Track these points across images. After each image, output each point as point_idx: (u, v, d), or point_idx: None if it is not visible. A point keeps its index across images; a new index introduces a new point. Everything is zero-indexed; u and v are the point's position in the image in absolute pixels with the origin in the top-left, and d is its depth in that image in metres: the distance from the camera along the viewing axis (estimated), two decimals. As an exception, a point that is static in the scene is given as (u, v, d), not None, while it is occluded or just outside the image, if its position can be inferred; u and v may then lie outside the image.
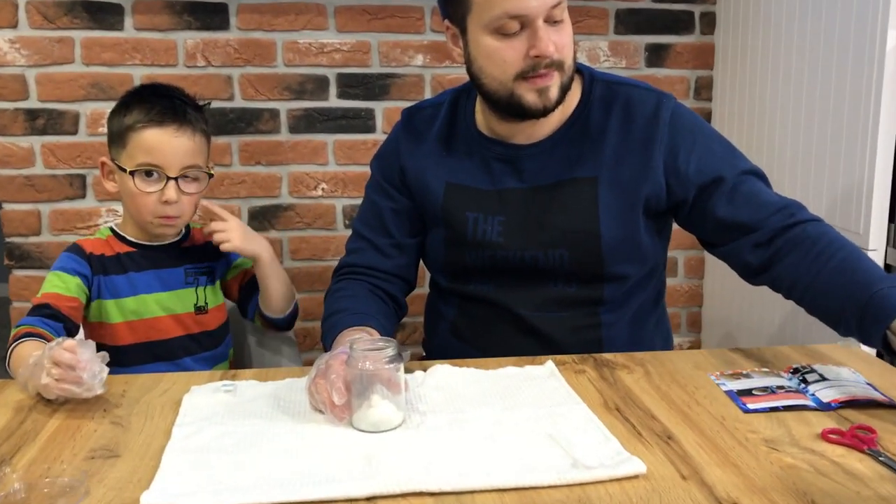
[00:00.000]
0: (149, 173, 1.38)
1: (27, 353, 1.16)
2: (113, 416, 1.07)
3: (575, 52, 1.28)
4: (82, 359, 1.05)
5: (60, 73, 2.15)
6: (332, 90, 2.25)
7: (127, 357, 1.43)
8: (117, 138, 1.40)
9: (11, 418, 1.07)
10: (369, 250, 1.42)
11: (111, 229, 1.49)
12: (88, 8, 2.13)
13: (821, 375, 1.15)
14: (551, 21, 1.20)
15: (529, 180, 1.33)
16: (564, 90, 1.26)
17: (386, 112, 2.28)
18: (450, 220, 1.36)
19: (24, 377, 1.11)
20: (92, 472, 0.92)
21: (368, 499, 0.85)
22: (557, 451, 0.94)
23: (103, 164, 1.44)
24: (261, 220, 2.29)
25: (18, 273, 2.23)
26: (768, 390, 1.12)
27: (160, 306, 1.46)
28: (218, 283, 1.56)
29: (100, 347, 1.11)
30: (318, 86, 2.25)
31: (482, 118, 1.36)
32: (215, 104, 2.21)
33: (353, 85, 2.26)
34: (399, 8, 2.24)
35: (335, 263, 1.48)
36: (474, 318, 1.38)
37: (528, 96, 1.24)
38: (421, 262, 1.48)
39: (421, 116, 1.43)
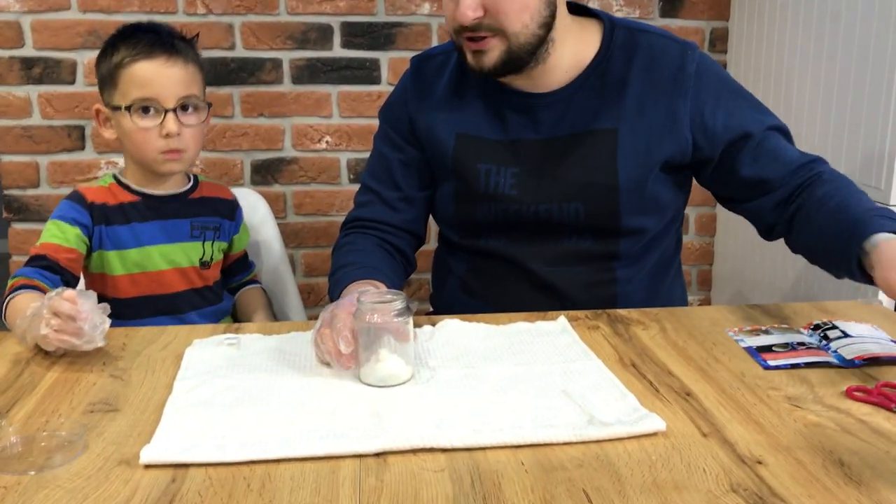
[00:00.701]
0: (146, 109, 1.32)
1: (24, 305, 1.14)
2: (113, 370, 1.04)
3: (547, 16, 1.20)
4: (83, 309, 1.01)
5: (57, 20, 2.09)
6: (337, 39, 2.19)
7: (128, 310, 1.39)
8: (108, 80, 1.34)
9: (8, 371, 1.04)
10: (377, 204, 1.37)
11: (114, 177, 1.43)
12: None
13: (843, 332, 1.12)
14: None
15: (545, 131, 1.28)
16: (515, 56, 1.20)
17: (391, 62, 2.22)
18: (461, 172, 1.31)
19: (21, 328, 1.08)
20: (91, 425, 0.89)
21: (378, 454, 0.82)
22: (573, 407, 0.91)
23: (98, 111, 1.39)
24: (263, 173, 2.25)
25: (17, 226, 2.19)
26: (789, 347, 1.08)
27: (164, 259, 1.41)
28: (223, 242, 1.49)
29: (101, 299, 1.07)
30: (321, 35, 2.18)
31: None
32: (216, 54, 2.15)
33: (357, 34, 2.19)
34: (406, -46, 2.16)
35: (340, 218, 1.44)
36: (485, 274, 1.34)
37: (468, 56, 1.22)
38: (430, 216, 1.44)
39: (431, 64, 1.38)
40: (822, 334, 1.12)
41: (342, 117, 2.24)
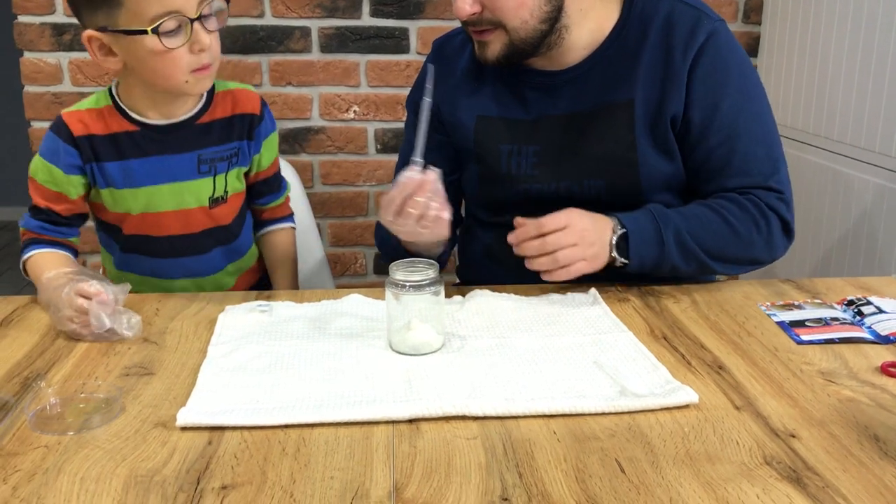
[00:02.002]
0: (172, 26, 1.12)
1: (40, 270, 1.18)
2: (147, 334, 1.06)
3: (549, 11, 1.18)
4: (101, 306, 1.02)
5: (87, -14, 2.09)
6: (366, 8, 2.17)
7: (123, 243, 1.28)
8: (104, 1, 1.11)
9: (44, 335, 1.06)
10: None
11: (111, 94, 1.22)
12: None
13: (877, 308, 1.10)
14: None
15: (565, 106, 1.26)
16: (517, 49, 1.20)
17: (420, 32, 2.20)
18: (482, 155, 1.31)
19: (47, 308, 1.09)
20: (127, 388, 0.90)
21: (411, 421, 0.82)
22: (604, 378, 0.91)
23: (90, 38, 1.14)
24: (291, 142, 2.25)
25: (48, 193, 2.21)
26: (822, 322, 1.07)
27: (165, 200, 1.24)
28: (242, 167, 1.31)
29: (104, 234, 1.14)
30: (350, 3, 2.17)
31: None
32: (245, 22, 2.15)
33: (387, 3, 2.18)
34: (436, -79, 2.14)
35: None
36: (510, 245, 1.34)
37: (475, 44, 1.24)
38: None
39: (451, 46, 1.37)
40: (855, 310, 1.11)
41: (370, 87, 2.23)
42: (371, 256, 2.35)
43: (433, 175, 1.08)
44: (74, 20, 2.09)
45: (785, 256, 1.28)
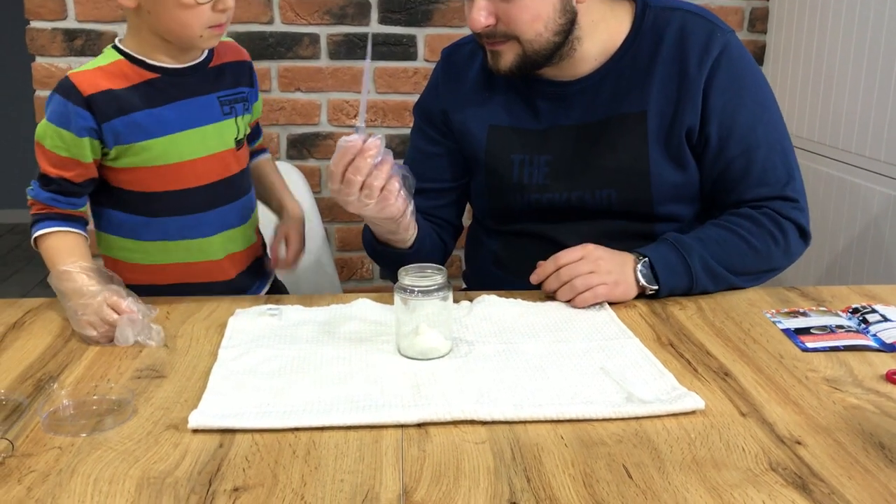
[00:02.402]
0: None
1: (55, 255, 1.16)
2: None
3: (563, 23, 1.19)
4: (130, 323, 1.04)
5: (98, -8, 2.11)
6: (374, 15, 2.19)
7: (152, 207, 1.23)
8: None
9: (56, 337, 1.07)
10: (415, 197, 1.38)
11: (117, 50, 1.20)
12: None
13: (882, 316, 1.11)
14: None
15: (577, 117, 1.28)
16: (529, 60, 1.21)
17: (428, 39, 2.22)
18: (493, 165, 1.32)
19: (62, 300, 1.10)
20: (139, 391, 0.92)
21: (419, 425, 0.83)
22: (611, 384, 0.91)
23: None
24: (299, 147, 2.26)
25: (58, 196, 2.22)
26: (827, 329, 1.08)
27: (197, 144, 1.22)
28: (250, 115, 1.32)
29: (123, 199, 1.16)
30: (359, 10, 2.18)
31: None
32: (254, 28, 2.16)
33: (395, 10, 2.19)
34: (444, -71, 2.15)
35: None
36: (519, 250, 1.35)
37: (487, 55, 1.25)
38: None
39: (460, 54, 1.38)
40: (860, 318, 1.12)
41: (378, 93, 2.24)
42: (378, 261, 2.37)
43: (376, 141, 1.05)
44: (86, 25, 2.12)
45: (792, 264, 1.30)
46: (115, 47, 1.20)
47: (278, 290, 1.46)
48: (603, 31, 1.26)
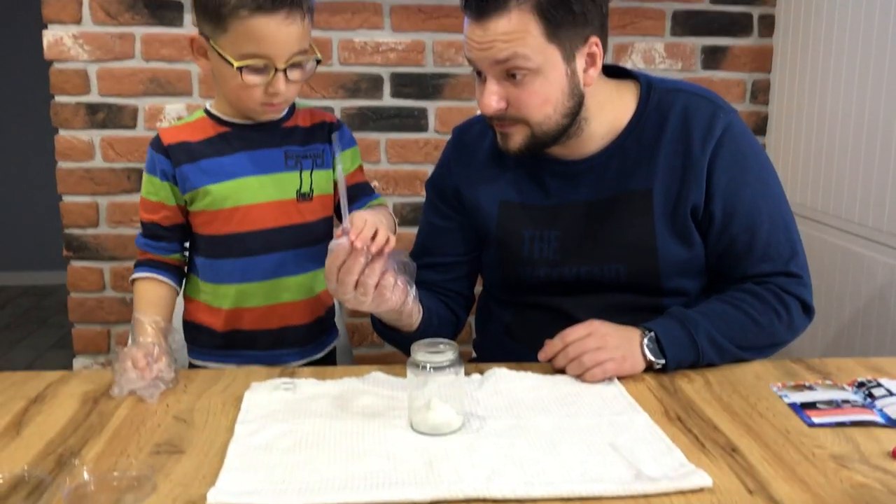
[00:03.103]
0: (256, 68, 1.22)
1: (137, 300, 1.32)
2: (176, 412, 1.09)
3: (571, 106, 1.24)
4: (137, 379, 1.12)
5: (121, 68, 2.19)
6: (387, 89, 2.26)
7: (220, 248, 1.33)
8: (215, 18, 1.22)
9: (78, 410, 1.10)
10: (427, 270, 1.42)
11: (205, 110, 1.35)
12: (149, 4, 2.16)
13: (888, 390, 1.13)
14: (511, 78, 1.20)
15: (585, 193, 1.32)
16: (539, 141, 1.26)
17: (438, 111, 2.29)
18: (504, 240, 1.35)
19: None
20: (157, 466, 0.93)
21: (431, 503, 0.85)
22: (620, 461, 0.93)
23: (193, 40, 1.28)
24: (312, 216, 2.31)
25: (76, 264, 2.27)
26: (833, 404, 1.10)
27: (257, 191, 1.31)
28: (328, 171, 1.37)
29: (199, 240, 1.31)
30: (372, 85, 2.26)
31: None
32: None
33: (406, 84, 2.27)
34: (454, 8, 2.23)
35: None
36: (530, 322, 1.38)
37: (497, 135, 1.29)
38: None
39: (471, 133, 1.43)
40: (866, 392, 1.13)
41: (390, 163, 2.30)
42: (388, 327, 2.39)
43: (365, 240, 1.09)
44: (108, 100, 2.19)
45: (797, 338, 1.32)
46: (205, 109, 1.35)
47: (333, 356, 1.48)
48: (609, 112, 1.30)
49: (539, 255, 1.33)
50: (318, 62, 1.29)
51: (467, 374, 1.18)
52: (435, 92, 2.27)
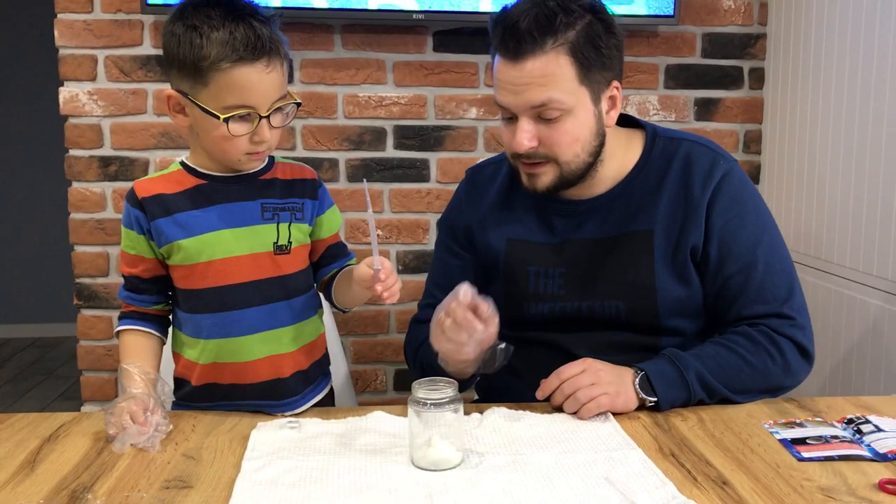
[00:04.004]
0: (241, 117, 1.21)
1: (123, 352, 1.31)
2: (184, 449, 1.13)
3: (596, 145, 1.31)
4: (136, 434, 1.13)
5: (133, 122, 2.27)
6: (390, 141, 2.34)
7: (199, 302, 1.29)
8: (193, 73, 1.20)
9: (90, 448, 1.13)
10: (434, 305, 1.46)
11: (181, 163, 1.32)
12: (161, 62, 2.25)
13: (876, 426, 1.16)
14: (542, 118, 1.27)
15: (589, 232, 1.37)
16: (566, 180, 1.32)
17: (440, 162, 2.36)
18: (511, 275, 1.40)
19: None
20: (167, 500, 0.97)
21: (432, 533, 0.88)
22: (615, 494, 0.96)
23: (171, 96, 1.25)
24: (317, 265, 2.36)
25: (86, 312, 2.32)
26: (822, 440, 1.13)
27: (232, 244, 1.28)
28: (306, 224, 1.34)
29: (178, 292, 1.28)
30: (375, 137, 2.33)
31: None
32: (278, 153, 2.30)
33: (409, 136, 2.34)
34: (454, 63, 2.32)
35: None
36: (530, 358, 1.40)
37: (522, 175, 1.35)
38: None
39: (483, 175, 1.50)
40: (855, 428, 1.16)
41: (393, 212, 2.36)
42: (391, 373, 2.42)
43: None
44: (120, 153, 2.27)
45: (799, 384, 1.34)
46: (181, 161, 1.32)
47: (325, 405, 1.40)
48: (618, 156, 1.37)
49: (544, 289, 1.38)
50: (299, 105, 1.29)
51: (467, 413, 1.22)
52: (436, 144, 2.35)
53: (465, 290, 1.19)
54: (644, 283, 1.33)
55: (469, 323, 1.19)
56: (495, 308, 1.22)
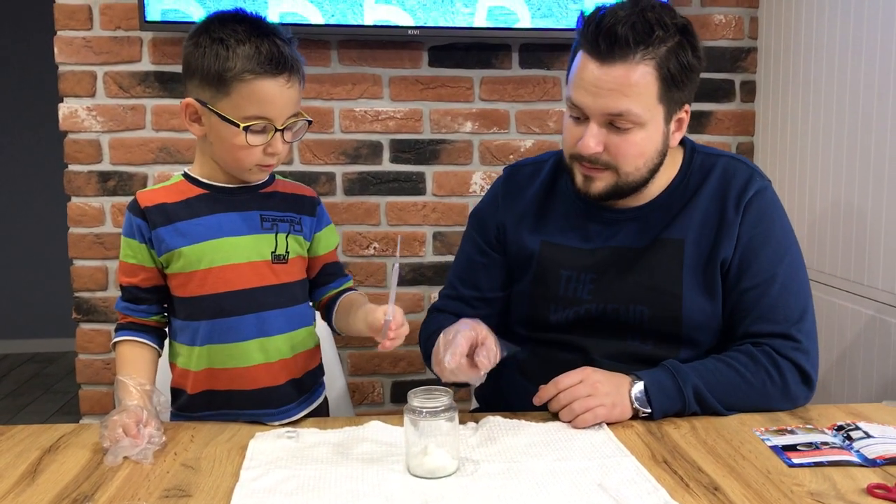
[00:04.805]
0: (259, 128, 1.26)
1: (120, 364, 1.32)
2: (183, 459, 1.14)
3: (658, 163, 1.33)
4: (130, 447, 1.14)
5: (132, 138, 2.29)
6: (386, 155, 2.36)
7: (198, 309, 1.32)
8: (217, 82, 1.24)
9: (90, 459, 1.15)
10: (457, 301, 1.49)
11: (184, 174, 1.36)
12: (160, 78, 2.28)
13: (865, 433, 1.18)
14: (614, 126, 1.28)
15: (624, 240, 1.39)
16: (620, 190, 1.33)
17: (436, 176, 2.38)
18: (542, 277, 1.41)
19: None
20: (167, 509, 0.98)
21: (428, 539, 0.89)
22: (608, 500, 0.98)
23: (188, 105, 1.29)
24: (314, 278, 2.38)
25: (85, 326, 2.33)
26: (813, 446, 1.14)
27: (232, 252, 1.31)
28: (303, 238, 1.38)
29: (177, 300, 1.29)
30: (372, 151, 2.36)
31: None
32: (276, 168, 2.32)
33: (405, 150, 2.37)
34: (450, 78, 2.35)
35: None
36: (546, 360, 1.40)
37: (577, 177, 1.35)
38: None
39: (522, 174, 1.50)
40: (845, 435, 1.18)
41: (389, 225, 2.38)
42: (388, 385, 2.44)
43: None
44: (119, 168, 2.29)
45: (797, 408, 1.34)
46: (184, 173, 1.36)
47: (320, 414, 1.43)
48: (663, 171, 1.38)
49: (573, 294, 1.39)
50: (310, 123, 1.34)
51: (463, 422, 1.23)
52: (432, 157, 2.37)
53: (452, 354, 1.20)
54: (670, 291, 1.34)
55: (464, 372, 1.22)
56: (497, 350, 1.24)
